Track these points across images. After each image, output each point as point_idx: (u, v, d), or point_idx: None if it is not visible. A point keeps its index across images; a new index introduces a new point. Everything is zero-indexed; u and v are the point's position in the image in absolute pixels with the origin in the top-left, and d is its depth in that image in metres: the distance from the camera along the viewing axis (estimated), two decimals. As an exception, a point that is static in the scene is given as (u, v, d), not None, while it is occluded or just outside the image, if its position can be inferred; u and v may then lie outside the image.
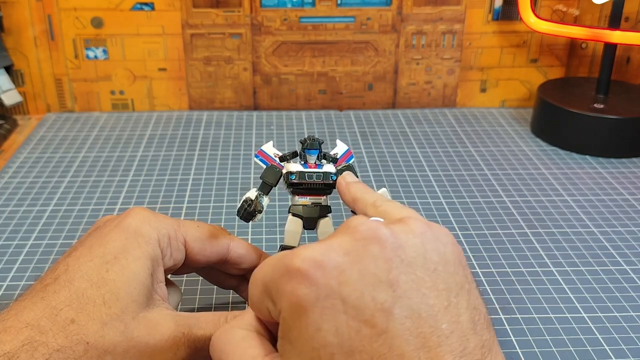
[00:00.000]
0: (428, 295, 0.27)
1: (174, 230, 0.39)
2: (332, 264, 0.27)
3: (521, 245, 0.53)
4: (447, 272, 0.28)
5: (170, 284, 0.40)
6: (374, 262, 0.27)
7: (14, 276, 0.49)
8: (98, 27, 0.79)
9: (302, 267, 0.27)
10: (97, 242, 0.36)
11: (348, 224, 0.30)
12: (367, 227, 0.29)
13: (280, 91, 0.84)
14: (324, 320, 0.26)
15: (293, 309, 0.27)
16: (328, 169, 0.41)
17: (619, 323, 0.44)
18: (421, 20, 0.81)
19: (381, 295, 0.27)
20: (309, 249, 0.28)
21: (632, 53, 0.83)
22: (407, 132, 0.77)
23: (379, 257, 0.28)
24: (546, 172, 0.67)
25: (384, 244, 0.28)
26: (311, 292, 0.27)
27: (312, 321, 0.27)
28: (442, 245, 0.29)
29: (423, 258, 0.28)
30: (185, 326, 0.36)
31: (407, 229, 0.29)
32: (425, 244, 0.29)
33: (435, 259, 0.28)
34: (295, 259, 0.28)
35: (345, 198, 0.38)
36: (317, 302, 0.27)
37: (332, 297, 0.27)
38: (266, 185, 0.41)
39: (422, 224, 0.30)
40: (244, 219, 0.41)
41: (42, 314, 0.32)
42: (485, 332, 0.28)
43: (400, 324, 0.26)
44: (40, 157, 0.70)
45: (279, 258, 0.29)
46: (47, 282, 0.34)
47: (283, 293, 0.28)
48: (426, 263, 0.28)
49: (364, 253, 0.28)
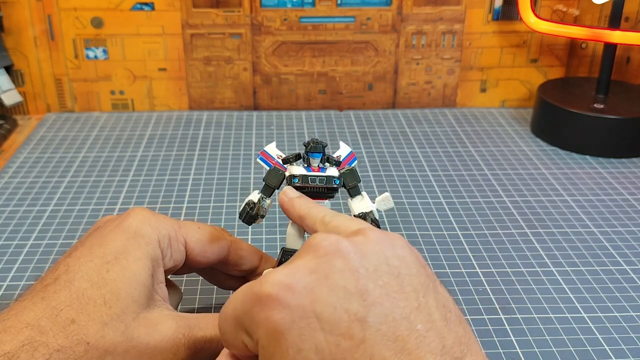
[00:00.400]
0: (398, 299, 0.28)
1: (175, 231, 0.39)
2: (300, 284, 0.28)
3: (521, 245, 0.53)
4: (410, 274, 0.29)
5: (170, 285, 0.40)
6: (340, 275, 0.28)
7: (14, 276, 0.49)
8: (98, 27, 0.79)
9: (272, 292, 0.28)
10: (98, 242, 0.36)
11: (309, 242, 0.30)
12: (329, 242, 0.29)
13: (280, 91, 0.84)
14: (302, 340, 0.27)
15: (270, 335, 0.27)
16: (331, 173, 0.41)
17: (619, 323, 0.44)
18: (421, 20, 0.81)
19: (353, 306, 0.27)
20: (276, 274, 0.28)
21: (632, 53, 0.83)
22: (407, 132, 0.77)
23: (345, 269, 0.28)
24: (546, 172, 0.67)
25: (347, 256, 0.28)
26: (286, 315, 0.27)
27: (291, 343, 0.27)
28: (399, 249, 0.30)
29: (386, 265, 0.29)
30: (185, 327, 0.36)
31: (365, 240, 0.30)
32: (385, 251, 0.29)
33: (397, 264, 0.29)
34: (264, 286, 0.28)
35: (291, 215, 0.38)
36: (293, 324, 0.27)
37: (306, 317, 0.27)
38: (269, 187, 0.41)
39: (378, 233, 0.30)
40: (245, 222, 0.41)
41: (43, 314, 0.32)
42: (459, 328, 0.28)
43: (376, 330, 0.26)
44: (40, 157, 0.70)
45: (245, 290, 0.30)
46: (47, 282, 0.34)
47: (258, 322, 0.28)
48: (390, 269, 0.29)
49: (329, 268, 0.28)
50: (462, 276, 0.49)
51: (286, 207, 0.38)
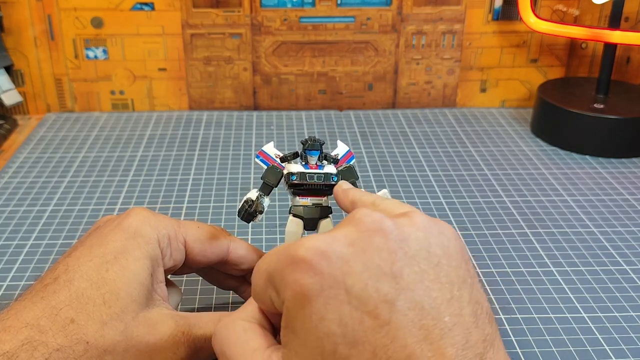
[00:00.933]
0: (431, 288, 0.27)
1: (174, 231, 0.39)
2: (336, 254, 0.27)
3: (521, 245, 0.53)
4: (450, 265, 0.28)
5: (170, 284, 0.40)
6: (377, 253, 0.28)
7: (14, 276, 0.49)
8: (98, 27, 0.79)
9: (307, 256, 0.27)
10: (97, 242, 0.36)
11: (353, 215, 0.30)
12: (372, 219, 0.29)
13: (280, 91, 0.84)
14: (327, 310, 0.27)
15: (297, 298, 0.27)
16: (329, 170, 0.41)
17: (619, 323, 0.44)
18: (421, 20, 0.81)
19: (384, 286, 0.27)
20: (314, 239, 0.28)
21: (632, 53, 0.83)
22: (407, 132, 0.77)
23: (383, 248, 0.28)
24: (546, 172, 0.67)
25: (388, 236, 0.28)
26: (315, 282, 0.27)
27: (316, 310, 0.27)
28: (445, 239, 0.29)
29: (426, 251, 0.28)
30: (185, 326, 0.36)
31: (410, 222, 0.29)
32: (429, 238, 0.29)
33: (439, 253, 0.29)
34: (300, 249, 0.28)
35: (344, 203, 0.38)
36: (321, 292, 0.27)
37: (336, 287, 0.27)
38: (267, 186, 0.41)
39: (425, 218, 0.30)
40: (244, 219, 0.41)
41: (42, 314, 0.32)
42: (487, 326, 0.28)
43: (403, 315, 0.26)
44: (40, 157, 0.70)
45: (283, 248, 0.29)
46: (46, 282, 0.34)
47: (287, 282, 0.28)
48: (429, 256, 0.28)
49: (368, 244, 0.28)
50: (462, 276, 0.49)
51: (340, 196, 0.38)
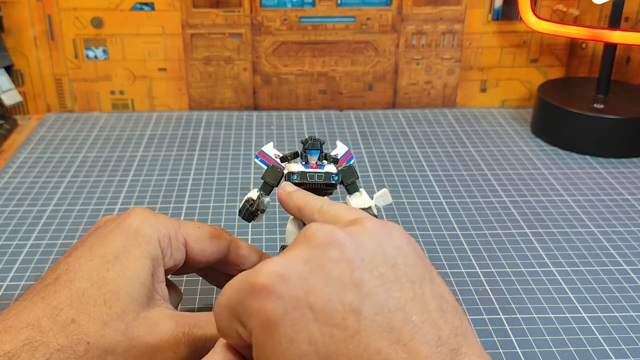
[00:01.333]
0: (393, 289, 0.27)
1: (175, 231, 0.39)
2: (295, 274, 0.27)
3: (521, 245, 0.53)
4: (406, 264, 0.29)
5: (170, 285, 0.40)
6: (335, 265, 0.28)
7: (14, 276, 0.49)
8: (98, 27, 0.79)
9: (267, 282, 0.27)
10: (98, 242, 0.36)
11: (304, 232, 0.30)
12: (324, 232, 0.29)
13: (280, 91, 0.84)
14: (295, 331, 0.27)
15: (263, 325, 0.27)
16: (329, 169, 0.41)
17: (619, 323, 0.44)
18: (421, 20, 0.81)
19: (348, 296, 0.27)
20: (270, 264, 0.28)
21: (632, 53, 0.83)
22: (407, 132, 0.77)
23: (340, 260, 0.28)
24: (546, 172, 0.67)
25: (343, 247, 0.28)
26: (279, 306, 0.27)
27: (284, 334, 0.27)
28: (397, 239, 0.30)
29: (382, 255, 0.28)
30: (185, 325, 0.36)
31: (362, 229, 0.29)
32: (382, 241, 0.29)
33: (394, 254, 0.29)
34: (258, 276, 0.28)
35: (289, 207, 0.38)
36: (286, 315, 0.27)
37: (300, 307, 0.27)
38: (267, 185, 0.41)
39: (374, 222, 0.30)
40: (245, 218, 0.41)
41: (43, 314, 0.32)
42: (455, 319, 0.28)
43: (371, 321, 0.26)
44: (40, 157, 0.70)
45: (239, 279, 0.29)
46: (47, 282, 0.34)
47: (251, 312, 0.28)
48: (386, 259, 0.28)
49: (324, 259, 0.28)
50: (462, 276, 0.49)
51: (284, 200, 0.38)
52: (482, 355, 0.28)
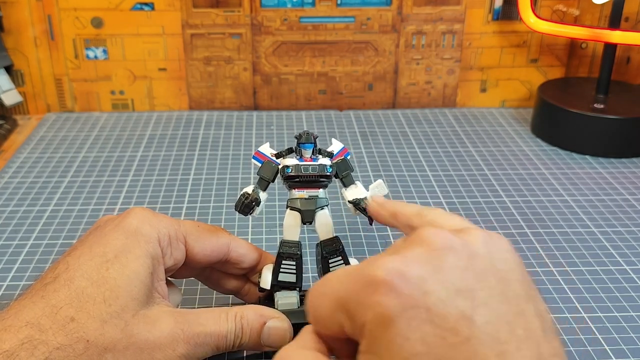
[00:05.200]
0: (502, 302, 0.28)
1: (174, 230, 0.39)
2: (414, 273, 0.28)
3: (521, 245, 0.53)
4: (514, 279, 0.29)
5: (170, 285, 0.40)
6: (451, 271, 0.28)
7: (14, 276, 0.49)
8: (98, 27, 0.79)
9: (387, 277, 0.27)
10: (98, 241, 0.36)
11: (420, 235, 0.30)
12: (441, 238, 0.29)
13: (280, 91, 0.84)
14: (410, 330, 0.27)
15: (379, 320, 0.27)
16: (323, 162, 0.41)
17: (619, 323, 0.44)
18: (421, 20, 0.81)
19: (462, 303, 0.27)
20: (389, 260, 0.28)
21: (632, 53, 0.83)
22: (407, 132, 0.77)
23: (456, 266, 0.28)
24: (546, 172, 0.67)
25: (459, 254, 0.29)
26: (398, 303, 0.27)
27: (400, 331, 0.27)
28: (505, 253, 0.30)
29: (492, 267, 0.29)
30: (184, 323, 0.36)
31: (475, 240, 0.30)
32: (492, 253, 0.29)
33: (503, 267, 0.29)
34: (377, 270, 0.28)
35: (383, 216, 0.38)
36: (403, 312, 0.27)
37: (417, 307, 0.27)
38: (263, 181, 0.42)
39: (484, 233, 0.31)
40: (241, 212, 0.41)
41: (42, 313, 0.32)
42: (554, 340, 0.28)
43: (482, 331, 0.26)
44: (40, 157, 0.70)
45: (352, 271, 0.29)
46: (47, 281, 0.34)
47: (367, 305, 0.28)
48: (496, 271, 0.29)
49: (442, 263, 0.28)
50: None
51: (376, 210, 0.39)
52: None
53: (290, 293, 0.41)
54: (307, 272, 0.47)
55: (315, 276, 0.45)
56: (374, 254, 0.52)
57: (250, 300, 0.44)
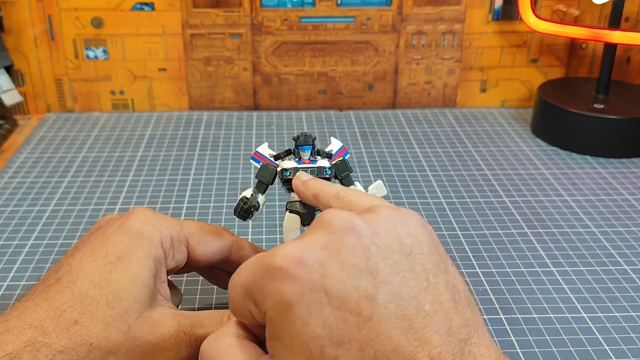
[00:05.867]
0: (407, 278, 0.28)
1: (177, 232, 0.39)
2: (312, 258, 0.28)
3: (521, 245, 0.54)
4: (422, 253, 0.29)
5: (171, 286, 0.40)
6: (351, 252, 0.28)
7: (14, 276, 0.49)
8: (98, 27, 0.79)
9: (283, 264, 0.28)
10: (100, 242, 0.36)
11: (321, 218, 0.30)
12: (341, 219, 0.29)
13: (280, 91, 0.84)
14: (310, 314, 0.27)
15: (279, 307, 0.28)
16: (322, 164, 0.41)
17: (619, 323, 0.44)
18: (421, 20, 0.81)
19: (363, 283, 0.27)
20: (287, 247, 0.28)
21: (632, 53, 0.83)
22: (407, 132, 0.77)
23: (356, 246, 0.28)
24: (546, 172, 0.67)
25: (360, 234, 0.28)
26: (295, 289, 0.27)
27: (298, 316, 0.27)
28: (413, 228, 0.30)
29: (398, 243, 0.29)
30: (187, 325, 0.36)
31: (378, 217, 0.30)
32: (398, 229, 0.29)
33: (409, 242, 0.29)
34: (275, 258, 0.28)
35: (305, 196, 0.38)
36: (301, 297, 0.27)
37: (315, 291, 0.27)
38: (261, 183, 0.42)
39: (391, 210, 0.30)
40: (240, 217, 0.41)
41: (45, 315, 0.32)
42: (467, 310, 0.28)
43: (384, 308, 0.26)
44: (40, 157, 0.70)
45: (256, 260, 0.30)
46: (49, 283, 0.34)
47: (267, 293, 0.28)
48: (401, 247, 0.29)
49: (341, 244, 0.28)
50: (462, 276, 0.49)
51: (300, 189, 0.38)
52: (492, 346, 0.28)
53: None
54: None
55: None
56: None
57: None
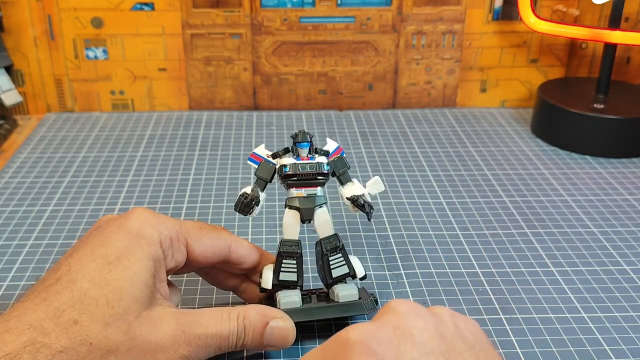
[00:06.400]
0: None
1: (176, 232, 0.39)
2: (386, 336, 0.29)
3: (521, 245, 0.54)
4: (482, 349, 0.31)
5: (170, 285, 0.40)
6: (421, 333, 0.29)
7: (14, 276, 0.49)
8: (98, 27, 0.79)
9: (360, 338, 0.29)
10: (100, 243, 0.36)
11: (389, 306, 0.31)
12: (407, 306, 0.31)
13: (280, 91, 0.84)
14: None
15: None
16: (320, 160, 0.41)
17: (619, 323, 0.44)
18: (421, 20, 0.81)
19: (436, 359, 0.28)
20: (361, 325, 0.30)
21: (632, 53, 0.83)
22: (407, 132, 0.77)
23: (425, 329, 0.30)
24: (546, 172, 0.67)
25: (426, 320, 0.30)
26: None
27: None
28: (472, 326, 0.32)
29: (460, 335, 0.31)
30: (185, 324, 0.36)
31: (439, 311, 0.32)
32: (458, 324, 0.31)
33: (470, 337, 0.31)
34: (351, 333, 0.29)
35: None
36: None
37: None
38: (261, 181, 0.42)
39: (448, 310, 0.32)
40: (241, 211, 0.41)
41: (45, 315, 0.32)
42: None
43: None
44: (40, 157, 0.70)
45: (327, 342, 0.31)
46: (49, 283, 0.34)
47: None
48: (464, 339, 0.30)
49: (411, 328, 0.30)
50: (462, 276, 0.49)
51: None
52: None
53: (291, 292, 0.42)
54: (307, 272, 0.47)
55: (315, 275, 0.45)
56: (374, 251, 0.52)
57: (249, 297, 0.44)
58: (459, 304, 0.46)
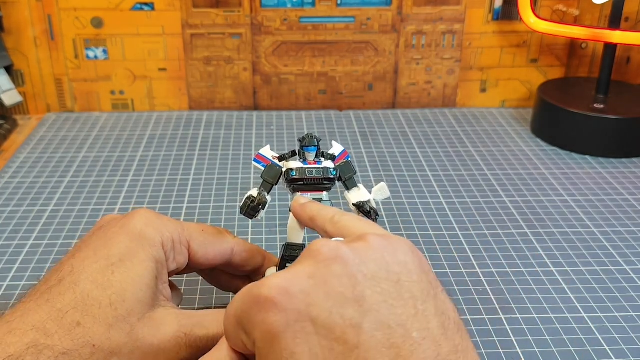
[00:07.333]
0: (395, 306, 0.28)
1: (178, 234, 0.39)
2: (298, 288, 0.28)
3: (521, 245, 0.54)
4: (410, 280, 0.29)
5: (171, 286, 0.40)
6: (338, 281, 0.28)
7: (14, 276, 0.49)
8: (98, 27, 0.79)
9: (270, 295, 0.28)
10: (102, 244, 0.36)
11: (310, 248, 0.30)
12: (328, 248, 0.30)
13: (280, 91, 0.84)
14: (296, 343, 0.27)
15: (265, 337, 0.28)
16: (327, 165, 0.41)
17: (619, 323, 0.44)
18: (421, 20, 0.81)
19: (349, 311, 0.27)
20: (275, 278, 0.29)
21: (632, 53, 0.83)
22: (407, 132, 0.77)
23: (343, 275, 0.28)
24: (546, 172, 0.67)
25: (346, 262, 0.29)
26: (281, 318, 0.28)
27: (285, 346, 0.27)
28: (401, 256, 0.30)
29: (385, 271, 0.29)
30: (187, 326, 0.36)
31: (366, 246, 0.30)
32: (386, 257, 0.29)
33: (397, 270, 0.29)
34: (262, 289, 0.29)
35: (303, 218, 0.39)
36: (287, 327, 0.27)
37: (301, 320, 0.27)
38: (267, 184, 0.42)
39: (380, 239, 0.31)
40: (247, 215, 0.42)
41: (48, 317, 0.32)
42: (456, 337, 0.28)
43: (371, 337, 0.27)
44: (40, 157, 0.70)
45: (246, 290, 0.30)
46: (51, 284, 0.34)
47: (255, 323, 0.29)
48: (389, 275, 0.29)
49: (327, 274, 0.28)
50: (462, 276, 0.49)
51: (297, 211, 0.39)
52: None
53: None
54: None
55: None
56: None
57: None
58: (459, 304, 0.46)
